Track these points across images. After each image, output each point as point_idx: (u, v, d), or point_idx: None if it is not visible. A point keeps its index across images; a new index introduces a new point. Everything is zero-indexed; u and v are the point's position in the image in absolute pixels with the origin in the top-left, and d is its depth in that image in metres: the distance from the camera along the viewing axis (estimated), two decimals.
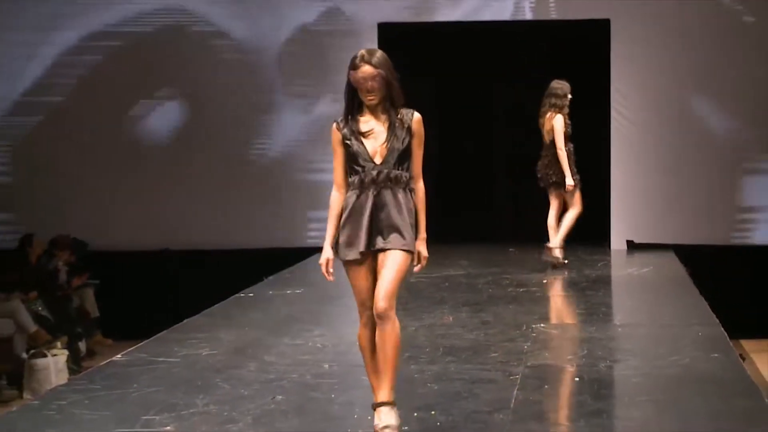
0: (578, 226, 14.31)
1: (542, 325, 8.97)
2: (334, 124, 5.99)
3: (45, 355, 12.09)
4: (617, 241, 14.00)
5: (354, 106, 5.97)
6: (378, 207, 5.88)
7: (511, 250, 13.75)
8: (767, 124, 14.37)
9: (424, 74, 14.98)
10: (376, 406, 5.99)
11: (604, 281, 11.88)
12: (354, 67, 5.89)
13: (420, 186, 6.03)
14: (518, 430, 6.13)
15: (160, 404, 6.74)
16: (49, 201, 15.02)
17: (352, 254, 5.90)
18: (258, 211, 15.02)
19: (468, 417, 6.38)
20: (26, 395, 11.72)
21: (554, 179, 11.96)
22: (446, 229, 14.78)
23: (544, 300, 10.19)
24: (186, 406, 6.71)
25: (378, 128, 5.93)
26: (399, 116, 5.93)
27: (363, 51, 5.93)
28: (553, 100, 11.86)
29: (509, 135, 15.14)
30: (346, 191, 5.97)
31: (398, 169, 5.92)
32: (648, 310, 10.80)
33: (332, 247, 5.96)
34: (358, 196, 5.91)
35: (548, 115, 11.88)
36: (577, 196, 11.99)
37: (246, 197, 15.08)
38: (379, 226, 5.89)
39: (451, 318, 9.39)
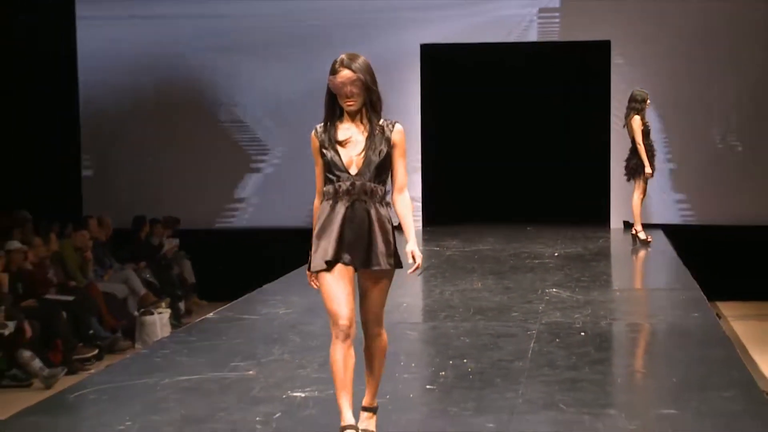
0: (584, 208, 14.31)
1: (554, 290, 8.95)
2: (313, 131, 4.78)
3: (152, 313, 12.18)
4: (615, 221, 13.92)
5: (334, 113, 4.75)
6: (349, 220, 4.69)
7: (528, 228, 13.70)
8: (757, 133, 14.14)
9: (459, 86, 15.01)
10: (344, 429, 4.67)
11: (605, 254, 11.83)
12: (333, 71, 4.68)
13: (405, 196, 4.78)
14: (535, 375, 6.13)
15: (244, 353, 6.79)
16: (153, 186, 15.01)
17: (321, 265, 4.72)
18: None
19: (494, 364, 6.40)
20: (137, 345, 11.80)
21: (634, 169, 11.80)
22: (476, 211, 14.84)
23: (555, 270, 10.14)
24: (265, 354, 6.76)
25: (356, 137, 4.72)
26: (380, 125, 4.74)
27: (344, 55, 4.71)
28: (633, 104, 11.71)
29: (530, 136, 15.16)
30: None
31: (374, 182, 4.71)
32: (641, 277, 10.78)
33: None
34: (332, 208, 4.72)
35: (630, 116, 11.77)
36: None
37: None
38: (351, 240, 4.70)
39: (479, 284, 9.38)
